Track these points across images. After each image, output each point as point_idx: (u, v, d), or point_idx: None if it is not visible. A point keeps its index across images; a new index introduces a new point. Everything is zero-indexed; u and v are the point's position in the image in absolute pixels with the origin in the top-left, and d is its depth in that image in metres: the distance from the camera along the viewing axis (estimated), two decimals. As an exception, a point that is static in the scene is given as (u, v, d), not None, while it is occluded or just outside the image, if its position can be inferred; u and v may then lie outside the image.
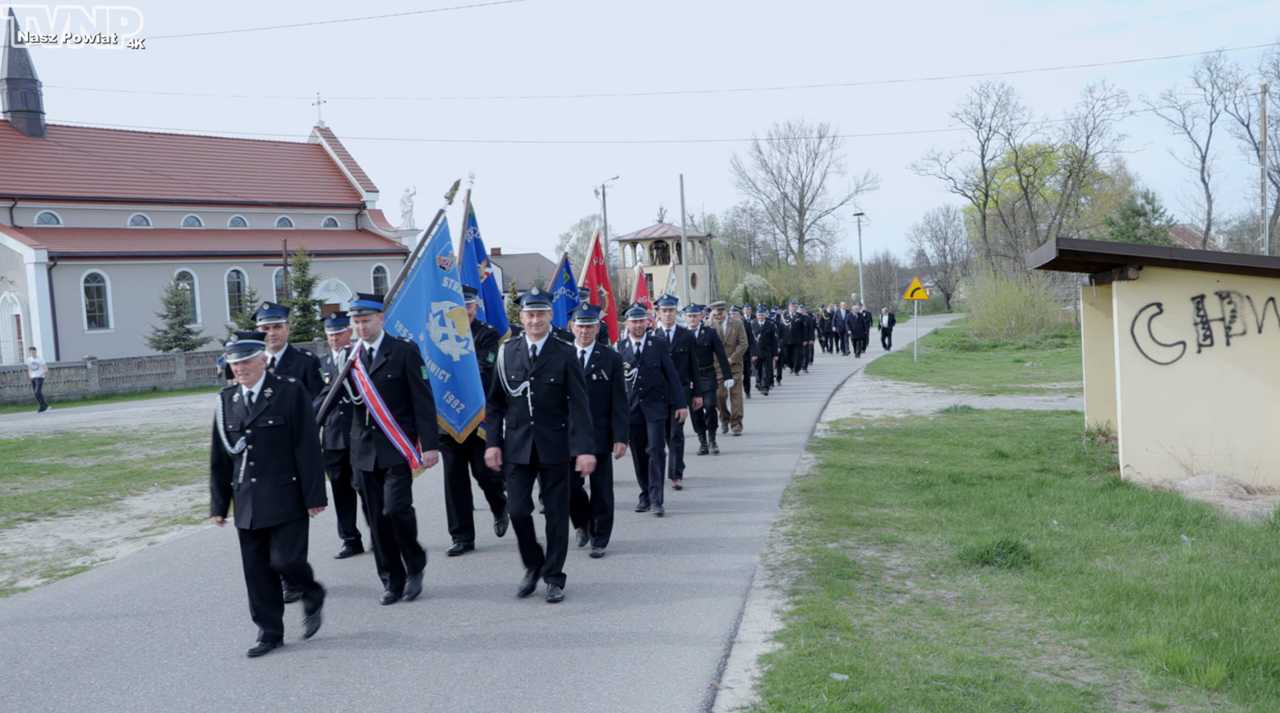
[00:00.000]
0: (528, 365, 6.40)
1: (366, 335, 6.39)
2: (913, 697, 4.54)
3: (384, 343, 6.44)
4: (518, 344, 6.53)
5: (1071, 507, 8.37)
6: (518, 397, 6.38)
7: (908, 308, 62.84)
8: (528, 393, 6.35)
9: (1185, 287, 9.33)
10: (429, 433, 6.39)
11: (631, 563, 7.20)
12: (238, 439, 5.46)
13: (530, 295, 6.55)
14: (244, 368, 5.45)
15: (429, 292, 7.66)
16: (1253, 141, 47.78)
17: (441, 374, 7.59)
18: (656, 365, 8.94)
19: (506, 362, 6.47)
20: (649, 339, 8.99)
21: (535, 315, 6.46)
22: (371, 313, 6.41)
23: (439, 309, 7.68)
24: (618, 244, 66.03)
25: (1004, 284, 41.27)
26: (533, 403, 6.36)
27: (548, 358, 6.41)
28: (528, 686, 4.93)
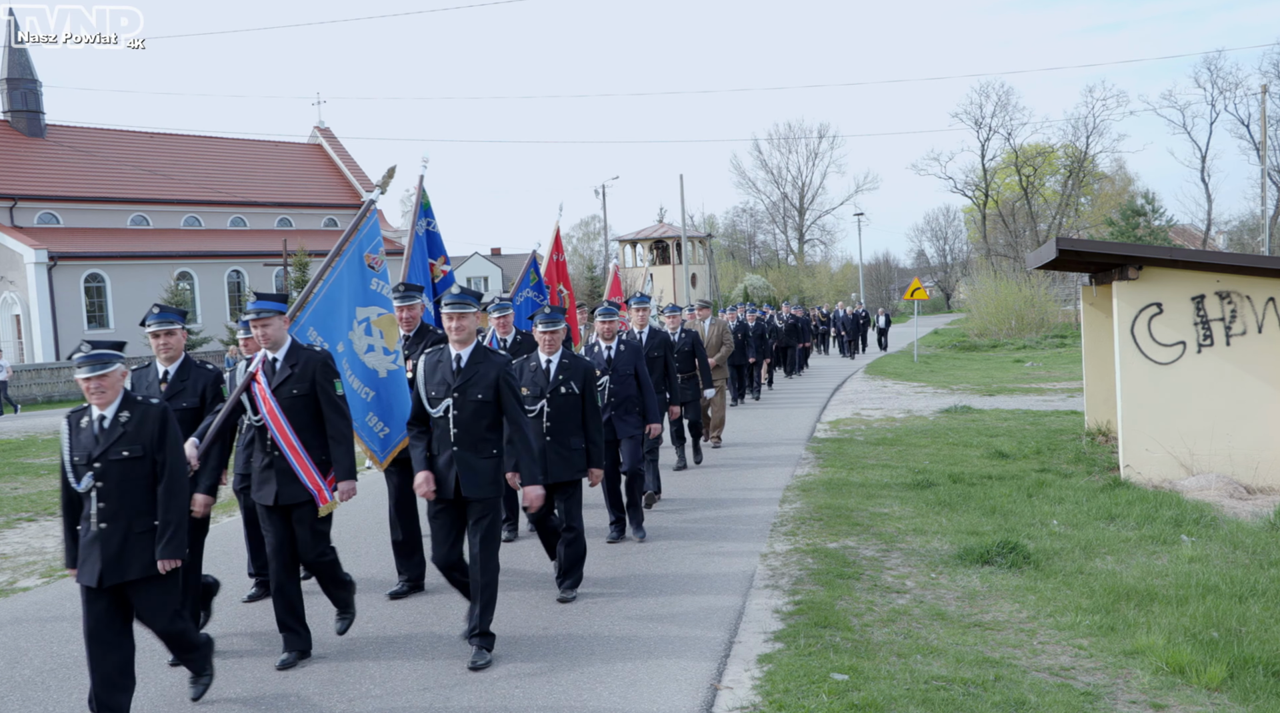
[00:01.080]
0: (450, 379, 5.40)
1: (267, 343, 5.40)
2: (913, 697, 4.54)
3: (290, 352, 5.45)
4: (439, 354, 5.54)
5: (1071, 507, 8.37)
6: (439, 417, 5.39)
7: (907, 308, 62.87)
8: (450, 412, 5.36)
9: (1185, 287, 9.33)
10: (343, 460, 5.39)
11: (631, 563, 7.20)
12: (84, 474, 4.45)
13: (451, 294, 5.54)
14: (98, 386, 4.44)
15: (353, 294, 6.68)
16: (1253, 141, 47.78)
17: (365, 391, 6.60)
18: (629, 373, 7.86)
19: (426, 375, 5.49)
20: (621, 343, 7.91)
21: (455, 318, 5.44)
22: (272, 316, 5.39)
23: (365, 316, 6.71)
24: (618, 244, 66.06)
25: (1004, 284, 41.27)
26: (456, 424, 5.36)
27: (474, 370, 5.42)
28: (528, 686, 4.93)
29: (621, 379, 7.85)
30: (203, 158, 46.42)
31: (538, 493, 5.53)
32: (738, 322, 17.17)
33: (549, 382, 6.53)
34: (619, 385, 7.83)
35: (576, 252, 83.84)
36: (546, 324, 6.58)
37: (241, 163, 47.54)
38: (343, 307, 6.59)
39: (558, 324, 6.60)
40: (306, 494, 5.32)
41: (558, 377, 6.53)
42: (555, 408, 6.50)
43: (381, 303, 6.83)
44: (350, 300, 6.64)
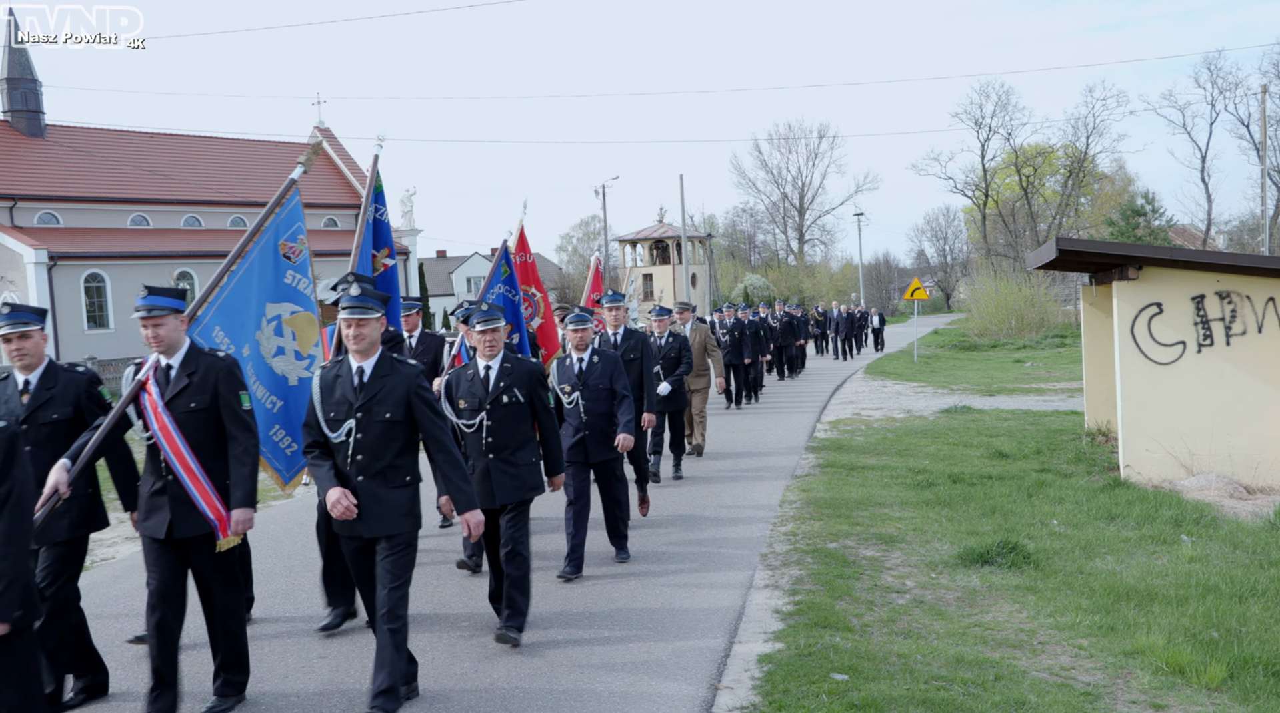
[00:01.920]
0: (351, 397, 4.63)
1: (160, 346, 4.62)
2: (913, 697, 4.54)
3: (188, 358, 4.69)
4: (338, 368, 4.76)
5: (1071, 507, 8.37)
6: (339, 443, 4.63)
7: (907, 308, 62.88)
8: (352, 435, 4.61)
9: (1185, 287, 9.33)
10: (243, 484, 4.64)
11: (631, 563, 7.20)
12: None
13: (350, 296, 4.70)
14: None
15: (264, 288, 5.78)
16: (1253, 141, 47.78)
17: (271, 401, 5.71)
18: (605, 387, 7.06)
19: (324, 393, 4.69)
20: (595, 354, 7.17)
21: (354, 325, 4.62)
22: (166, 314, 4.62)
23: (276, 313, 5.81)
24: (618, 244, 66.05)
25: (1004, 284, 41.27)
26: (360, 450, 4.61)
27: (380, 385, 4.63)
28: (528, 685, 4.93)
29: (596, 396, 7.03)
30: (203, 158, 46.41)
31: (477, 519, 4.79)
32: (734, 321, 16.86)
33: (488, 391, 5.72)
34: (593, 402, 7.03)
35: (576, 251, 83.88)
36: (483, 323, 5.73)
37: (241, 163, 47.53)
38: (252, 302, 5.71)
39: (495, 323, 5.76)
40: (206, 525, 4.58)
41: (498, 384, 5.72)
42: (497, 420, 5.70)
43: (297, 300, 5.91)
44: (260, 295, 5.76)
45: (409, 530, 4.65)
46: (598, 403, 7.05)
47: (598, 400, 7.06)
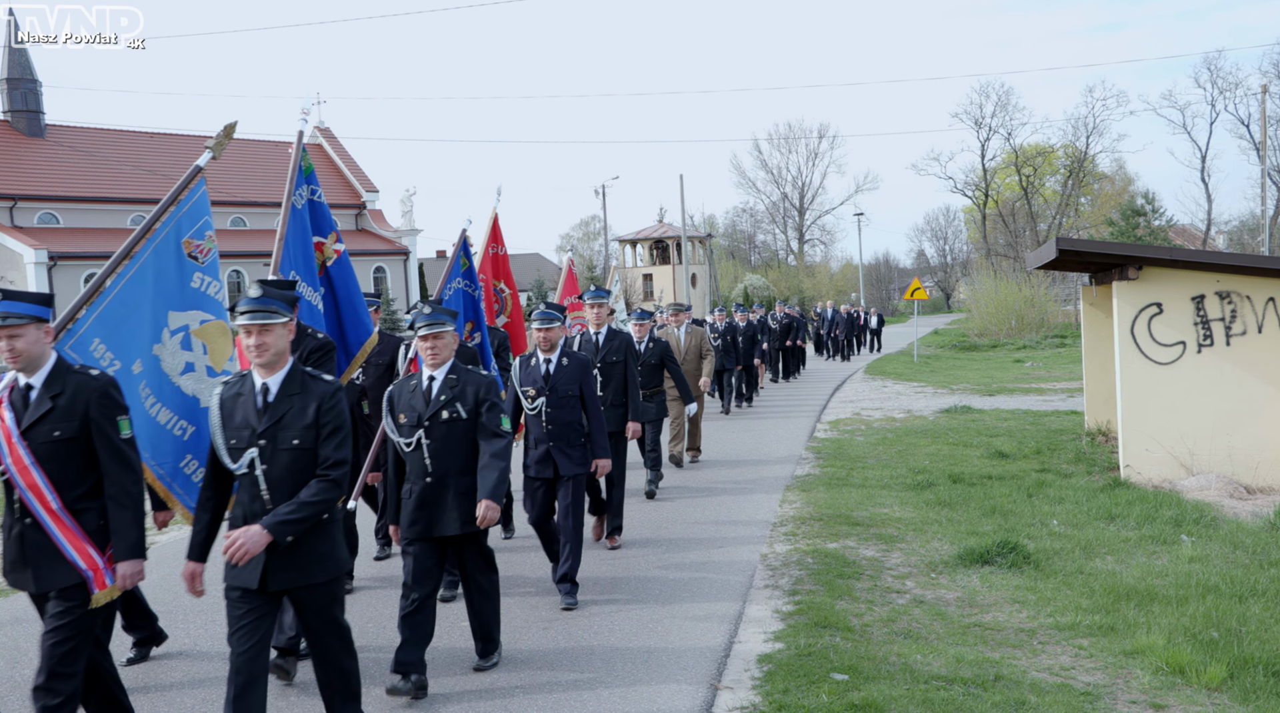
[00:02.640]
0: (254, 421, 3.89)
1: (18, 362, 3.87)
2: (913, 697, 4.54)
3: (52, 377, 3.91)
4: (240, 385, 3.99)
5: (1071, 507, 8.37)
6: (242, 475, 3.91)
7: (908, 308, 62.87)
8: (257, 468, 3.87)
9: (1185, 287, 9.33)
10: (127, 531, 3.91)
11: (631, 564, 7.20)
12: None
13: (248, 299, 3.92)
14: None
15: (164, 293, 4.94)
16: (1253, 141, 47.78)
17: (181, 427, 4.91)
18: (573, 394, 6.39)
19: (224, 417, 3.95)
20: (564, 356, 6.47)
21: (256, 332, 3.86)
22: (25, 324, 3.84)
23: (182, 323, 4.98)
24: (618, 244, 66.03)
25: (1004, 284, 41.26)
26: (267, 484, 3.87)
27: (289, 405, 3.90)
28: (528, 686, 4.93)
29: (562, 402, 6.35)
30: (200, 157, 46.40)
31: None
32: (727, 323, 16.31)
33: (428, 405, 4.94)
34: (558, 410, 6.34)
35: (576, 251, 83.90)
36: (427, 326, 4.93)
37: (241, 163, 47.52)
38: (144, 310, 4.83)
39: (441, 326, 4.96)
40: (74, 577, 3.86)
41: (439, 398, 4.93)
42: (437, 440, 4.91)
43: (206, 306, 5.06)
44: (159, 301, 4.90)
45: (329, 579, 3.98)
46: (564, 410, 6.35)
47: (564, 408, 6.35)
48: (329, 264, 6.17)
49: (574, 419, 6.41)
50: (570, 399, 6.41)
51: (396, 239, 49.07)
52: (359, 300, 6.30)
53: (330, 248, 6.18)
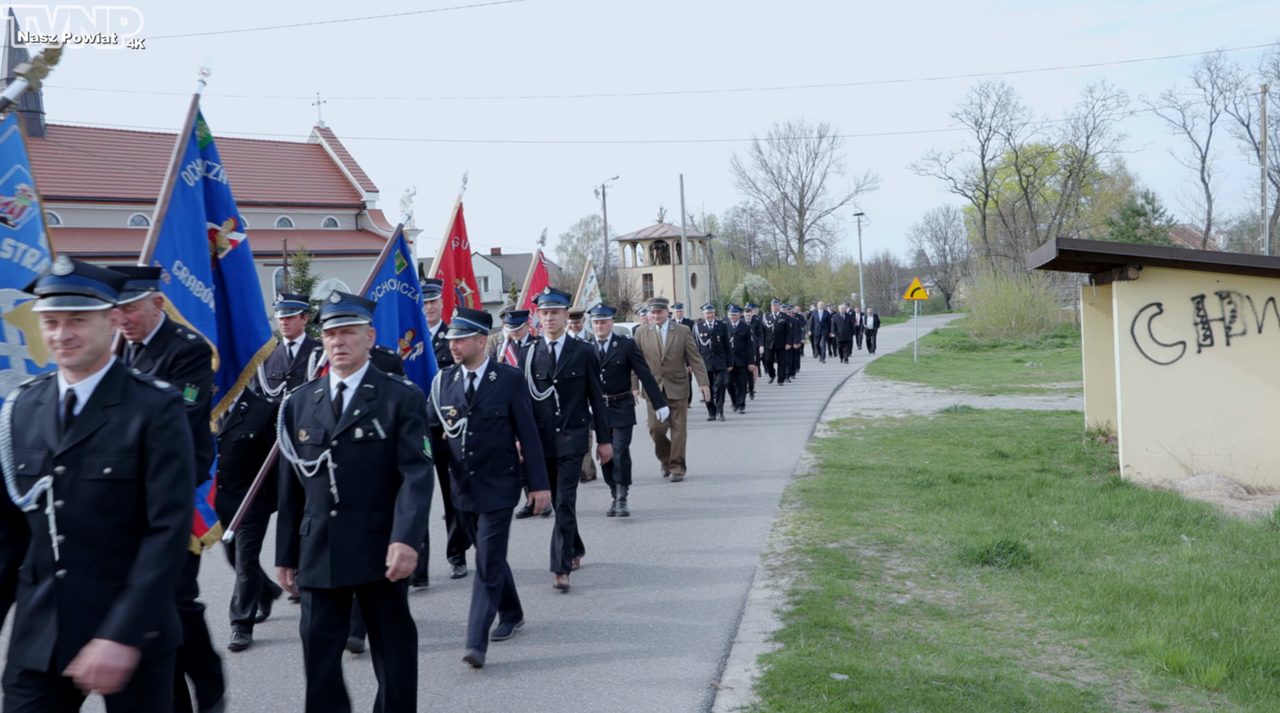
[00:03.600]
0: (52, 440, 2.95)
1: None
2: (913, 697, 4.54)
3: None
4: (41, 391, 3.04)
5: (1071, 507, 8.37)
6: (31, 511, 2.94)
7: (908, 308, 62.86)
8: (48, 504, 2.90)
9: (1185, 287, 9.33)
10: None
11: (631, 563, 7.20)
12: None
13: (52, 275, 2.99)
14: None
15: None
16: (1253, 141, 47.77)
17: None
18: (500, 416, 5.38)
19: (14, 433, 3.00)
20: (492, 370, 5.46)
21: (61, 322, 2.95)
22: None
23: None
24: (618, 244, 66.04)
25: (1004, 284, 41.28)
26: (60, 525, 2.90)
27: (99, 421, 2.96)
28: (528, 686, 4.93)
29: (486, 424, 5.35)
30: (202, 157, 46.39)
31: None
32: (716, 323, 15.43)
33: (338, 420, 3.96)
34: (481, 433, 5.34)
35: (577, 251, 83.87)
36: (333, 318, 3.98)
37: (241, 163, 47.46)
38: None
39: (352, 319, 4.00)
40: None
41: (352, 412, 3.97)
42: (346, 464, 3.94)
43: (20, 281, 3.99)
44: None
45: (155, 658, 2.95)
46: (489, 435, 5.34)
47: (489, 431, 5.34)
48: (221, 256, 5.18)
49: (500, 445, 5.39)
50: (497, 421, 5.38)
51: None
52: (254, 302, 5.28)
53: (225, 237, 5.19)
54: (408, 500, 3.92)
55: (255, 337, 5.28)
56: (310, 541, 4.02)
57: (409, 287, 6.70)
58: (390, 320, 6.50)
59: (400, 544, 3.84)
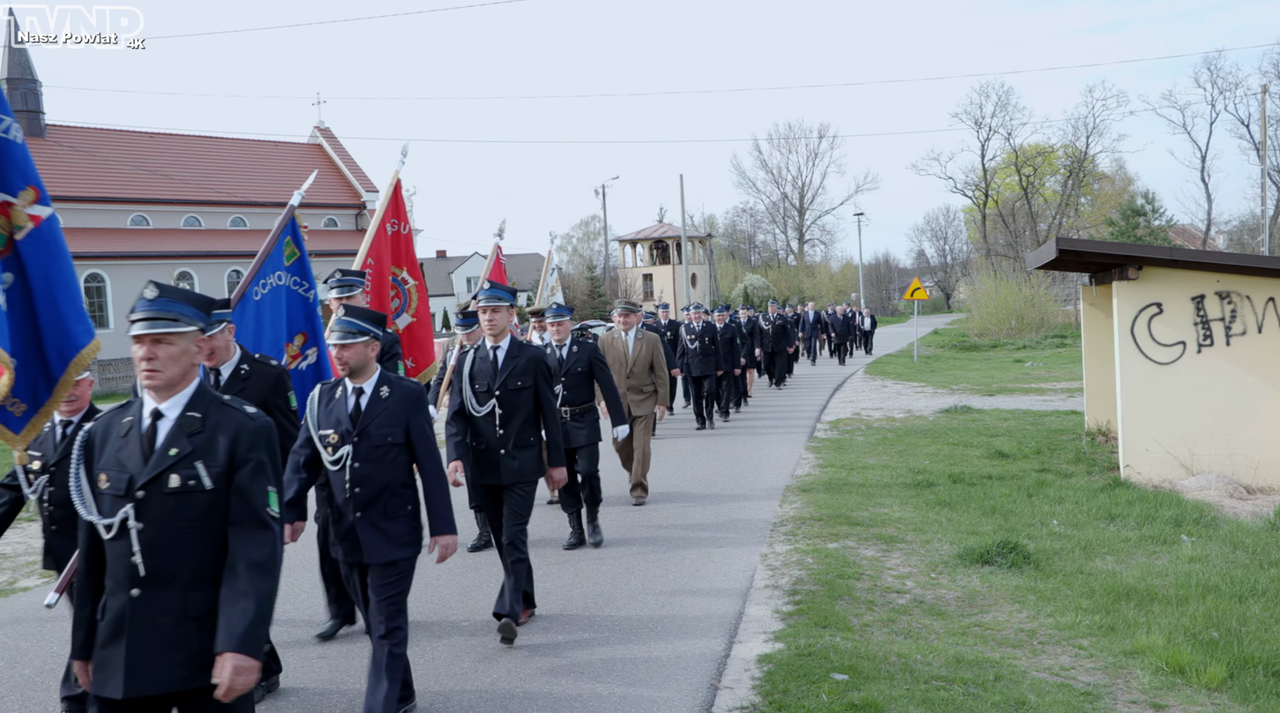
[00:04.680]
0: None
1: None
2: (913, 697, 4.54)
3: None
4: None
5: (1071, 507, 8.37)
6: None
7: (908, 308, 62.84)
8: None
9: (1185, 287, 9.33)
10: None
11: (631, 563, 7.20)
12: None
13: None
14: None
15: None
16: (1253, 141, 47.79)
17: None
18: (394, 441, 4.37)
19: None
20: (386, 384, 4.42)
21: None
22: None
23: None
24: (618, 244, 66.04)
25: (1004, 284, 41.29)
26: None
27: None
28: (528, 686, 4.93)
29: (376, 454, 4.33)
30: (203, 158, 46.45)
31: None
32: (704, 324, 14.33)
33: (147, 463, 2.96)
34: (370, 465, 4.33)
35: (577, 251, 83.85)
36: (145, 322, 2.99)
37: (241, 163, 47.55)
38: None
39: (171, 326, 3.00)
40: None
41: (168, 451, 2.96)
42: (153, 524, 2.92)
43: None
44: None
45: None
46: (380, 466, 4.34)
47: (380, 462, 4.33)
48: (19, 237, 4.06)
49: (395, 479, 4.38)
50: (390, 449, 4.36)
51: (399, 238, 49.08)
52: (67, 293, 4.23)
53: (22, 212, 4.07)
54: (243, 583, 2.88)
55: (70, 339, 4.25)
56: (103, 630, 2.96)
57: (301, 281, 5.74)
58: (276, 322, 5.51)
59: (233, 654, 2.82)
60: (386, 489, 4.38)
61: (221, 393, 3.57)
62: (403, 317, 6.98)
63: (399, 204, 6.95)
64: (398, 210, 6.96)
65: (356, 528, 4.35)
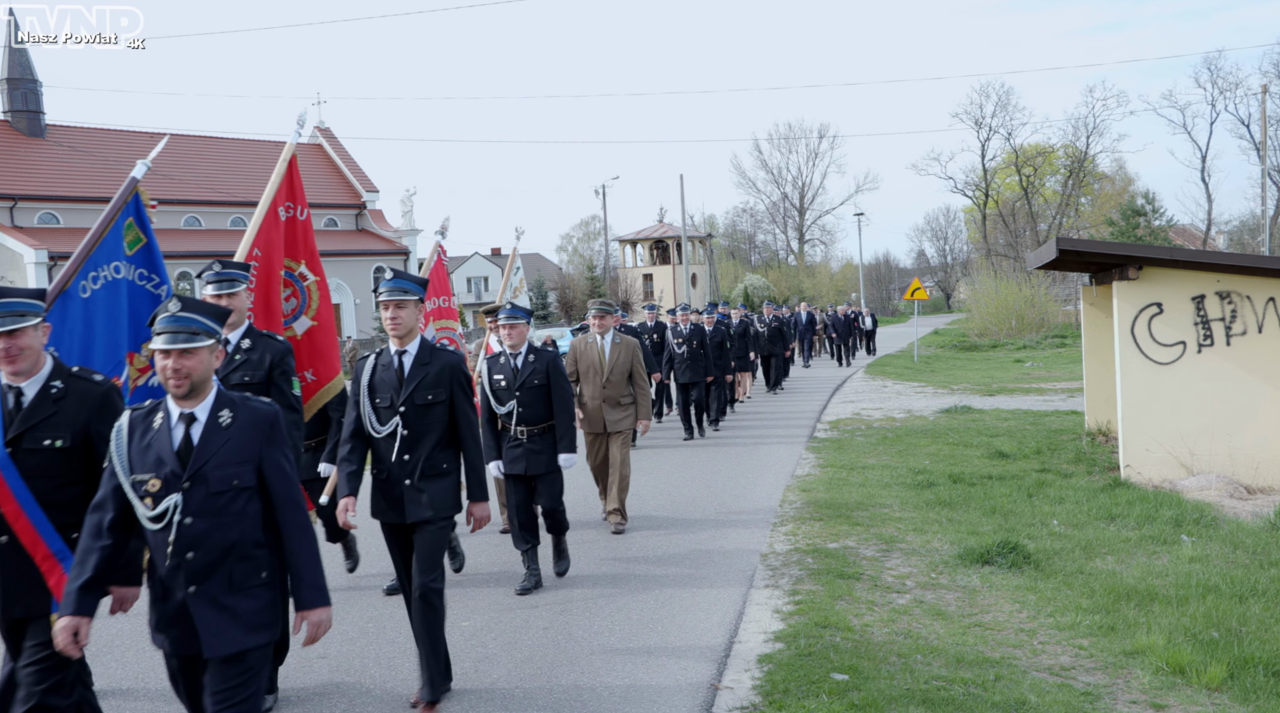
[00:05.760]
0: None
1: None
2: (913, 697, 4.54)
3: None
4: None
5: (1072, 507, 8.37)
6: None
7: (908, 308, 62.82)
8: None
9: (1185, 287, 9.32)
10: None
11: (631, 564, 7.20)
12: None
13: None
14: None
15: None
16: (1253, 141, 47.79)
17: None
18: (242, 485, 3.27)
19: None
20: (224, 404, 3.31)
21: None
22: None
23: None
24: (618, 244, 66.02)
25: (1004, 284, 41.29)
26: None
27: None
28: (528, 686, 4.93)
29: (211, 506, 3.22)
30: (203, 158, 46.45)
31: None
32: (692, 326, 13.42)
33: None
34: (206, 522, 3.21)
35: (577, 251, 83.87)
36: None
37: (241, 163, 47.53)
38: None
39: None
40: None
41: None
42: None
43: None
44: None
45: None
46: (221, 521, 3.22)
47: (221, 517, 3.22)
48: None
49: (243, 537, 3.27)
50: (236, 497, 3.25)
51: (396, 239, 49.07)
52: None
53: None
54: None
55: None
56: None
57: (149, 274, 4.76)
58: (114, 327, 4.45)
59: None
60: (232, 552, 3.25)
61: (24, 422, 3.52)
62: (301, 320, 5.70)
63: (295, 183, 5.69)
64: (293, 191, 5.69)
65: (190, 608, 3.21)
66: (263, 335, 4.67)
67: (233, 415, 3.30)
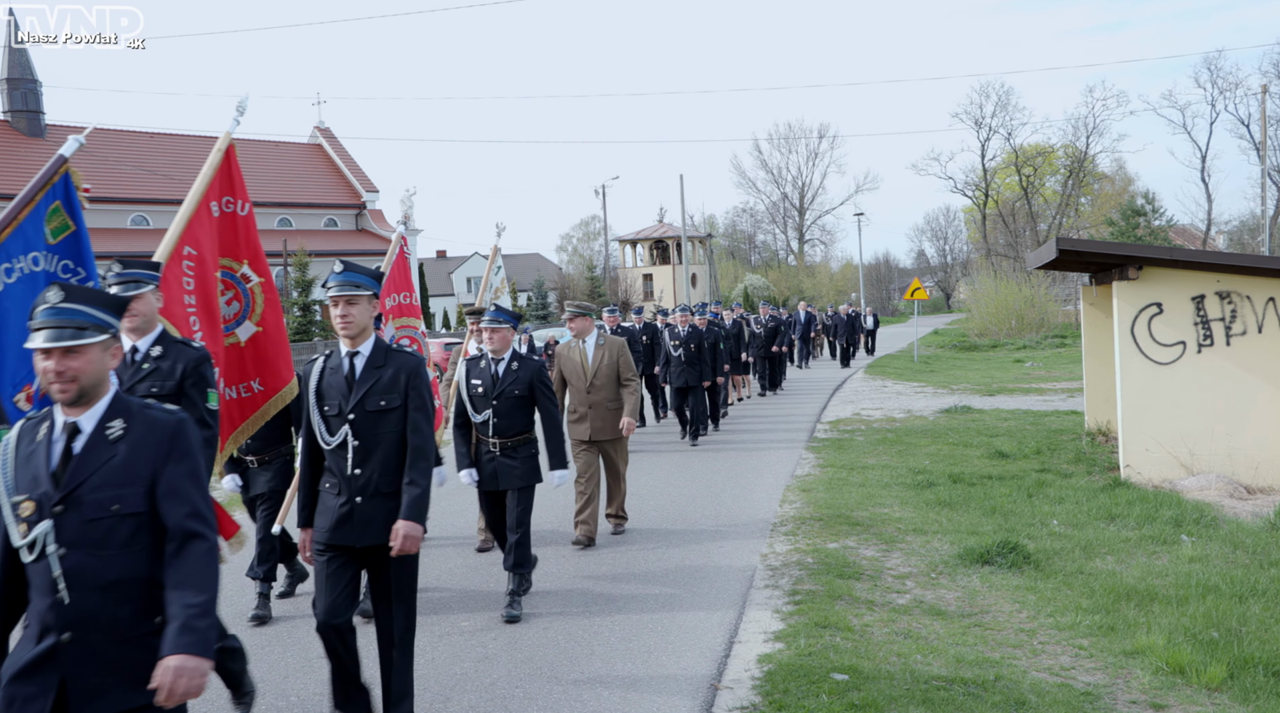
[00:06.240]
0: None
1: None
2: (913, 697, 4.54)
3: None
4: None
5: (1071, 507, 8.37)
6: None
7: (908, 308, 62.81)
8: None
9: (1185, 287, 9.33)
10: None
11: (631, 564, 7.20)
12: None
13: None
14: None
15: None
16: (1253, 141, 47.78)
17: None
18: (131, 511, 2.70)
19: None
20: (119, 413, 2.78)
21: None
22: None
23: None
24: (618, 244, 66.03)
25: (1004, 284, 41.26)
26: None
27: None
28: (528, 686, 4.93)
29: (88, 535, 2.67)
30: (202, 158, 46.07)
31: None
32: (690, 328, 13.03)
33: None
34: (82, 554, 2.66)
35: (577, 251, 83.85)
36: None
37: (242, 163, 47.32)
38: None
39: None
40: None
41: None
42: None
43: None
44: None
45: None
46: (100, 555, 2.68)
47: (101, 549, 2.68)
48: None
49: (127, 575, 2.71)
50: (117, 525, 2.71)
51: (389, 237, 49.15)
52: None
53: None
54: None
55: None
56: None
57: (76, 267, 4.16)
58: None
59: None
60: (114, 592, 2.67)
61: None
62: (245, 325, 5.21)
63: (234, 176, 5.10)
64: (232, 184, 5.08)
65: (74, 668, 2.65)
66: (177, 342, 4.09)
67: (125, 426, 2.75)
